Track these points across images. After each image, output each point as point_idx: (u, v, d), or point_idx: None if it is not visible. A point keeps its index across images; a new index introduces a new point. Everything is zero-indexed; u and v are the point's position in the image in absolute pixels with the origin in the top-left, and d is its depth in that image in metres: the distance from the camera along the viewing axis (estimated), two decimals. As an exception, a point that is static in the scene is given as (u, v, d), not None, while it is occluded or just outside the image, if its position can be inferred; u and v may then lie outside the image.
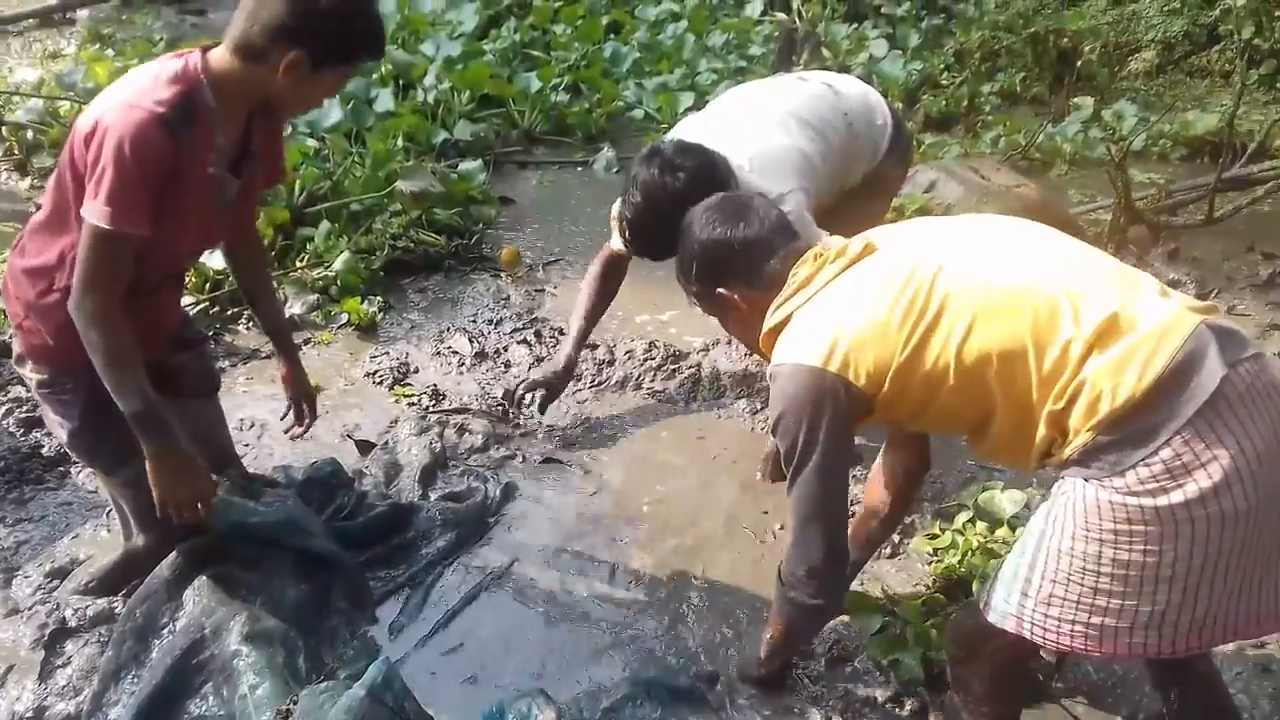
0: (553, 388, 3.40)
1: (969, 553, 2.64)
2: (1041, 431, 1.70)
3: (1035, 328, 1.68)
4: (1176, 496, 1.59)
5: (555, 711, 2.23)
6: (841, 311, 1.84)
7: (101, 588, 2.51)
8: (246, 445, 3.25)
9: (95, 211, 1.93)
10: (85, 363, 2.07)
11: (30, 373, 2.23)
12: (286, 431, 2.75)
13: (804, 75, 3.37)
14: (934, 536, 2.76)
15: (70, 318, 2.03)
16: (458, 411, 3.46)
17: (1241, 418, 1.59)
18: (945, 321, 1.73)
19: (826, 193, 2.99)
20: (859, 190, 3.14)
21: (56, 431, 2.34)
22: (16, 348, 2.25)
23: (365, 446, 3.25)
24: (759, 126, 2.93)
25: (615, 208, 3.35)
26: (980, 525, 2.74)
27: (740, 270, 2.03)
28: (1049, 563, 1.72)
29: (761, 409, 3.52)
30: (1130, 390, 1.60)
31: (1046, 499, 1.79)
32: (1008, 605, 1.80)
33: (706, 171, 2.66)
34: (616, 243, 3.24)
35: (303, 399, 2.68)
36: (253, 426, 3.37)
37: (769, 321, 1.97)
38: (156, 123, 1.92)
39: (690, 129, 2.99)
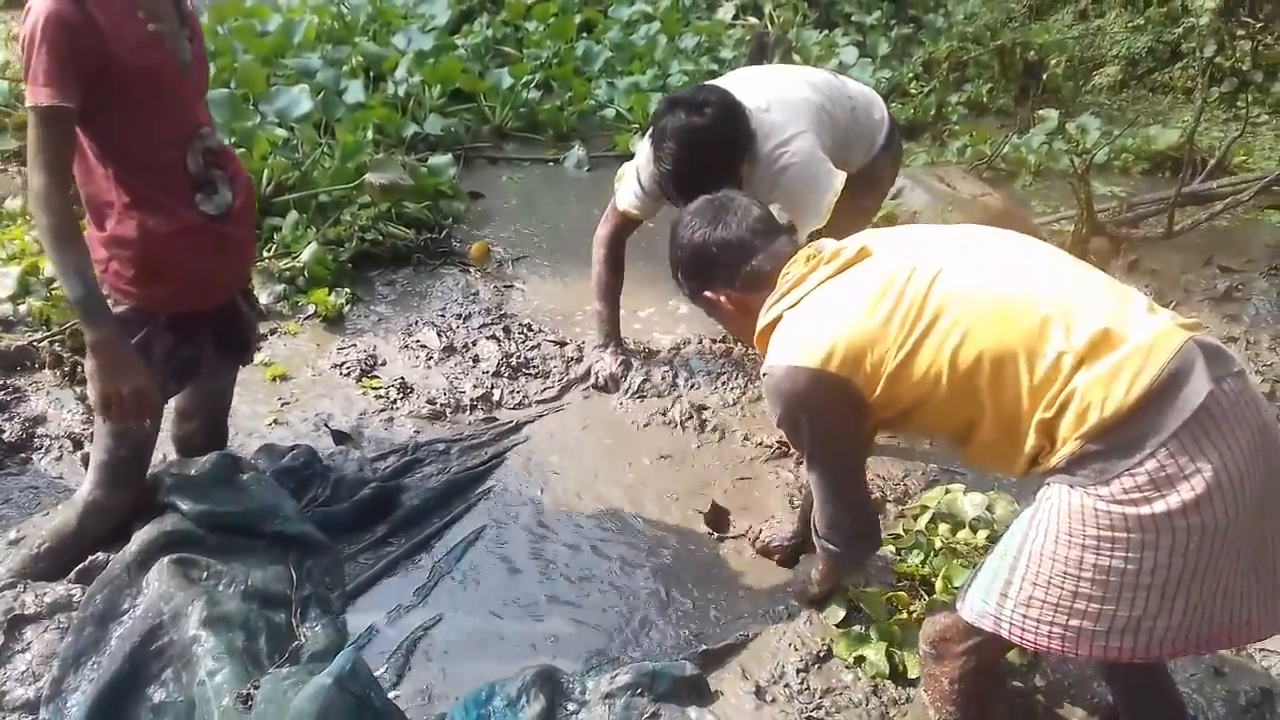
0: (626, 366, 3.64)
1: (931, 553, 2.68)
2: (1031, 440, 1.73)
3: (1027, 338, 1.70)
4: (1159, 506, 1.62)
5: (545, 699, 2.21)
6: (835, 314, 1.85)
7: (52, 555, 2.47)
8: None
9: (29, 93, 1.99)
10: (157, 304, 2.28)
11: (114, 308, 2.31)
12: None
13: (807, 68, 3.54)
14: (898, 537, 2.79)
15: (141, 244, 2.19)
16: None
17: (1225, 433, 1.62)
18: (939, 329, 1.76)
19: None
20: (854, 184, 3.21)
21: None
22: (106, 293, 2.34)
23: (341, 437, 3.23)
24: (777, 83, 3.07)
25: (624, 168, 3.42)
26: (943, 527, 2.78)
27: (720, 273, 2.07)
28: (1030, 565, 1.75)
29: (734, 403, 3.56)
30: (1119, 402, 1.63)
31: (1028, 505, 1.82)
32: (986, 605, 1.82)
33: (729, 102, 2.79)
34: (623, 202, 3.34)
35: None
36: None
37: (761, 321, 2.00)
38: None
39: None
